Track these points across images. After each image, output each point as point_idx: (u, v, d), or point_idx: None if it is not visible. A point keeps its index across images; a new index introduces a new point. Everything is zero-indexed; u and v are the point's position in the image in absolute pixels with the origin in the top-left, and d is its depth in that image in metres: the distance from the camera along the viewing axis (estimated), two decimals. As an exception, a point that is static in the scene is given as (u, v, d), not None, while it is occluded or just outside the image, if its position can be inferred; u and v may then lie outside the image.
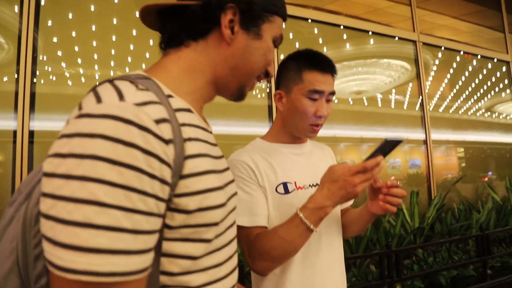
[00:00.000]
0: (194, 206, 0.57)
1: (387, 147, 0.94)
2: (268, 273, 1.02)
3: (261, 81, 0.78)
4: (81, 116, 0.49)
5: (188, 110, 0.63)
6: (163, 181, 0.52)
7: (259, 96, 3.24)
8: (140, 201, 0.48)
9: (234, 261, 0.72)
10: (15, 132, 2.27)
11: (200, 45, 0.68)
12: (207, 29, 0.67)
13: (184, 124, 0.59)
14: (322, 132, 1.22)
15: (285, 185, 1.12)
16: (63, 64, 2.57)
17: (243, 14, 0.67)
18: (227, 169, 0.75)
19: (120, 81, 0.55)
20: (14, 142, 2.26)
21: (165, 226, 0.56)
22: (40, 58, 2.44)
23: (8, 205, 0.63)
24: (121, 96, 0.51)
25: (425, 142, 4.10)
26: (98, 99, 0.50)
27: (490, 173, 4.91)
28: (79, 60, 2.62)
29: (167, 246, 0.57)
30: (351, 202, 1.34)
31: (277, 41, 0.74)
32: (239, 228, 1.05)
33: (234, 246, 0.73)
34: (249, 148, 1.20)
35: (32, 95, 2.34)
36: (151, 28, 0.73)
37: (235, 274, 0.72)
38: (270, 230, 1.02)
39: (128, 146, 0.47)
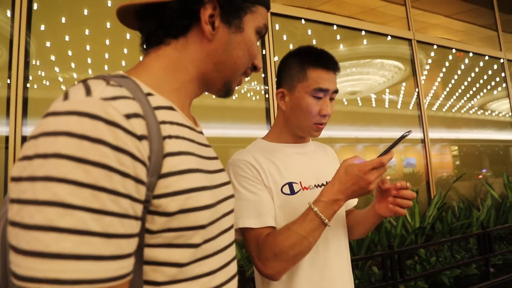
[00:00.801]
0: (176, 207, 0.53)
1: (399, 141, 0.92)
2: (280, 276, 0.97)
3: (249, 76, 0.75)
4: (47, 115, 0.46)
5: (170, 108, 0.61)
6: (137, 180, 0.48)
7: (253, 98, 3.21)
8: (111, 201, 0.44)
9: (232, 269, 0.67)
10: (7, 138, 2.21)
11: (180, 42, 0.65)
12: (186, 26, 0.65)
13: (164, 122, 0.56)
14: (317, 133, 1.21)
15: (290, 185, 1.09)
16: (56, 69, 2.52)
17: (223, 7, 0.64)
18: (220, 170, 0.72)
19: (92, 80, 0.52)
20: (6, 148, 2.21)
21: (146, 231, 0.52)
22: (33, 63, 2.39)
23: None
24: (88, 92, 0.48)
25: (423, 141, 4.09)
26: (66, 97, 0.48)
27: (484, 170, 4.92)
28: (73, 65, 2.57)
29: (150, 253, 0.53)
30: (355, 202, 1.31)
31: (261, 32, 0.71)
32: (247, 230, 1.01)
33: (230, 252, 0.68)
34: (251, 148, 1.16)
35: (25, 100, 2.28)
36: (131, 29, 0.71)
37: (233, 283, 0.67)
38: (281, 228, 0.97)
39: (95, 142, 0.44)
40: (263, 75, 3.19)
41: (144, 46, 0.68)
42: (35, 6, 2.41)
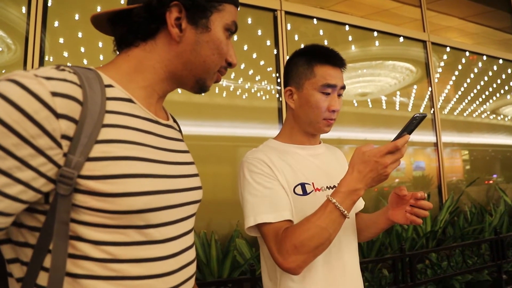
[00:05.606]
0: (108, 190, 0.56)
1: (413, 124, 0.91)
2: (301, 269, 0.94)
3: (224, 74, 0.78)
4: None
5: (129, 100, 0.65)
6: (38, 150, 0.52)
7: (264, 98, 3.19)
8: None
9: (188, 256, 0.70)
10: (21, 134, 2.22)
11: (149, 44, 0.69)
12: (154, 29, 0.69)
13: (112, 112, 0.61)
14: (327, 134, 1.21)
15: (303, 186, 1.09)
16: (69, 65, 2.53)
17: (189, 9, 0.68)
18: (186, 163, 0.75)
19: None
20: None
21: (73, 205, 0.56)
22: (46, 59, 2.40)
23: None
24: (33, 70, 0.55)
25: (435, 144, 4.04)
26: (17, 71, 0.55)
27: (495, 175, 4.84)
28: (85, 61, 2.58)
29: (82, 230, 0.57)
30: (362, 206, 1.30)
31: (230, 29, 0.74)
32: (265, 225, 1.00)
33: (186, 241, 0.71)
34: (263, 148, 1.17)
35: (39, 96, 2.30)
36: (106, 34, 0.75)
37: (186, 271, 0.69)
38: (301, 221, 0.96)
39: (9, 103, 0.50)
40: (274, 75, 3.17)
41: (116, 48, 0.73)
42: (49, 3, 2.42)
